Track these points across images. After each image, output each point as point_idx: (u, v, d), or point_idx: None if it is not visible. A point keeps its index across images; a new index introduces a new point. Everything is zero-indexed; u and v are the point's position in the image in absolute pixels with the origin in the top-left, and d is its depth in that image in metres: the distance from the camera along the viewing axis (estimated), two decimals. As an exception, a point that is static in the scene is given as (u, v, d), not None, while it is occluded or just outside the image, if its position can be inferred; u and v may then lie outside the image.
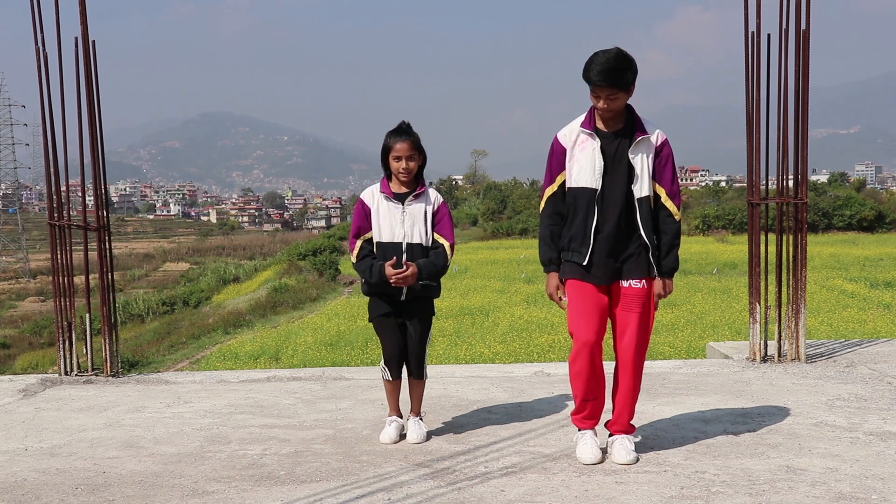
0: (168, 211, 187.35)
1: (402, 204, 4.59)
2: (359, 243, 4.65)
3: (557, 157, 4.16)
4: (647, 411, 5.15)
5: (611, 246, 4.07)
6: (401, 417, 4.80)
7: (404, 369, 4.75)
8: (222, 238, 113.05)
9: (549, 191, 4.19)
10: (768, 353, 6.70)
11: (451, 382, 6.26)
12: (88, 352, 6.95)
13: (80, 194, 7.12)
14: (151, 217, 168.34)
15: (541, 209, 4.27)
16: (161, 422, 5.27)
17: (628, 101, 4.08)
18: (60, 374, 6.85)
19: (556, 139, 4.17)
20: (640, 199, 4.06)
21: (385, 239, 4.59)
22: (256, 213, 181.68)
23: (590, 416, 4.23)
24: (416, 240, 4.58)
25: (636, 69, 3.96)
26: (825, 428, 4.65)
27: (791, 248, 6.65)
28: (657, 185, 4.10)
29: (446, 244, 4.64)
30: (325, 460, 4.32)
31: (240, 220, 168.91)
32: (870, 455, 4.14)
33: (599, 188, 4.04)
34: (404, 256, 4.56)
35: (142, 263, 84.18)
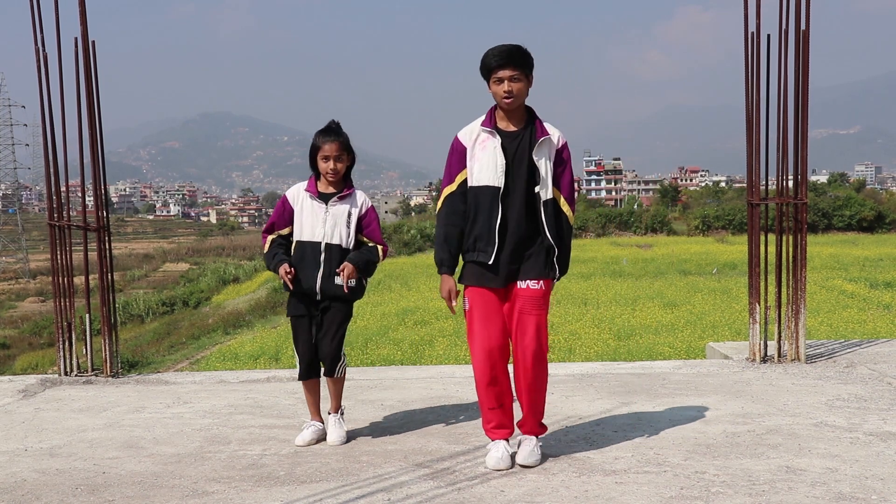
0: (168, 211, 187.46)
1: (326, 204, 4.58)
2: (269, 239, 4.68)
3: (458, 156, 4.11)
4: (646, 411, 5.15)
5: (513, 246, 4.03)
6: (321, 422, 4.75)
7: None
8: (222, 238, 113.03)
9: (447, 190, 4.14)
10: (768, 354, 6.70)
11: (451, 383, 6.26)
12: (88, 352, 6.95)
13: (79, 195, 7.12)
14: (151, 217, 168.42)
15: (437, 209, 4.22)
16: (161, 422, 5.27)
17: (528, 105, 4.08)
18: (60, 375, 6.85)
19: (456, 138, 4.15)
20: (545, 202, 4.03)
21: (305, 238, 4.59)
22: (256, 214, 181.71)
23: (499, 425, 4.15)
24: (335, 241, 4.57)
25: (533, 61, 4.00)
26: (825, 428, 4.65)
27: (791, 249, 6.65)
28: (556, 189, 4.09)
29: (379, 247, 4.66)
30: (324, 460, 4.32)
31: (240, 220, 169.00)
32: (870, 455, 4.14)
33: (502, 186, 4.01)
34: (322, 256, 4.55)
35: (141, 264, 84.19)
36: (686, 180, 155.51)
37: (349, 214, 4.60)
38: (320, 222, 4.57)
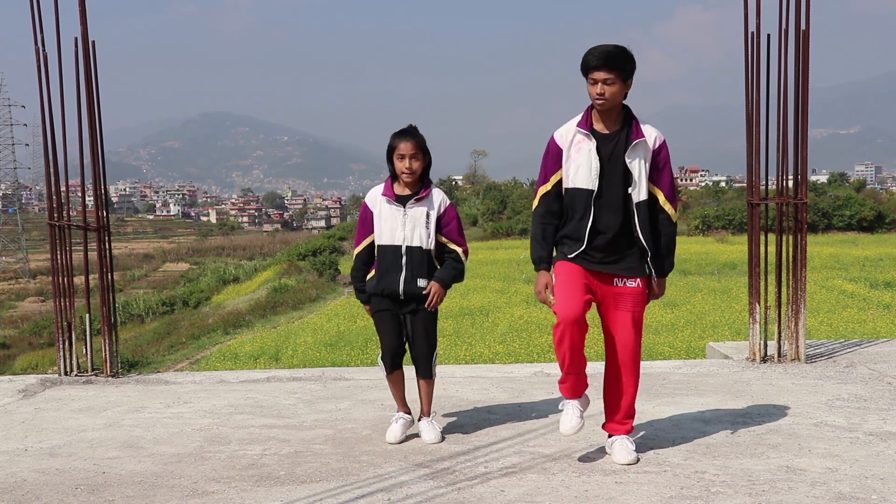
0: (168, 211, 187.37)
1: (404, 206, 4.59)
2: (355, 254, 4.73)
3: (553, 157, 4.15)
4: (646, 411, 5.15)
5: (605, 244, 4.06)
6: (408, 414, 4.77)
7: (407, 365, 4.75)
8: (222, 238, 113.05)
9: (542, 189, 4.18)
10: (768, 354, 6.70)
11: (452, 383, 6.26)
12: (88, 352, 6.95)
13: (79, 194, 7.12)
14: (151, 217, 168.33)
15: (533, 207, 4.26)
16: (161, 422, 5.27)
17: (625, 103, 4.08)
18: (60, 375, 6.84)
19: (552, 138, 4.16)
20: (637, 204, 4.05)
21: (385, 241, 4.60)
22: (256, 214, 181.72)
23: (573, 387, 4.18)
24: (415, 243, 4.57)
25: (635, 64, 3.99)
26: (825, 428, 4.65)
27: (791, 249, 6.65)
28: (655, 187, 4.10)
29: (459, 250, 4.66)
30: (324, 460, 4.32)
31: (239, 220, 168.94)
32: (869, 455, 4.14)
33: (596, 189, 4.04)
34: (403, 259, 4.56)
35: (141, 264, 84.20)
36: (686, 180, 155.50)
37: (427, 216, 4.59)
38: (399, 225, 4.58)
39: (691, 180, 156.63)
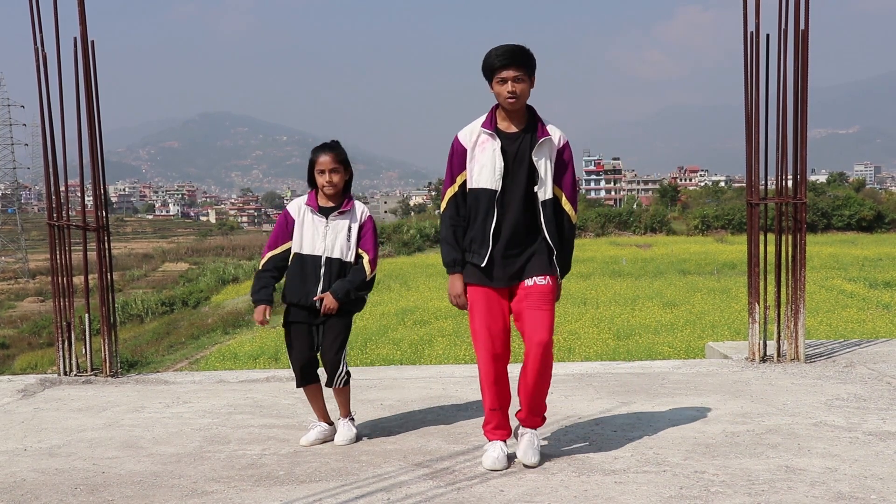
0: (167, 211, 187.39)
1: (327, 218, 4.60)
2: (267, 256, 4.70)
3: (458, 158, 4.12)
4: (645, 411, 5.16)
5: (511, 247, 4.04)
6: (329, 424, 4.75)
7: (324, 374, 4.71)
8: (221, 238, 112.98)
9: (449, 192, 4.15)
10: (767, 353, 6.70)
11: (451, 382, 6.26)
12: (88, 352, 6.95)
13: (79, 194, 7.12)
14: (150, 217, 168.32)
15: (441, 210, 4.23)
16: (160, 422, 5.27)
17: (529, 104, 4.08)
18: (59, 375, 6.84)
19: (456, 139, 4.15)
20: (544, 202, 4.04)
21: (305, 251, 4.61)
22: (256, 213, 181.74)
23: (498, 426, 4.16)
24: (335, 255, 4.58)
25: (536, 62, 4.00)
26: (824, 428, 4.66)
27: (790, 248, 6.65)
28: (557, 188, 4.10)
29: (366, 257, 4.64)
30: (324, 460, 4.32)
31: (239, 220, 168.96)
32: (869, 455, 4.14)
33: (499, 189, 4.02)
34: (322, 270, 4.57)
35: (141, 264, 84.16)
36: (685, 180, 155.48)
37: (349, 229, 4.61)
38: (321, 236, 4.59)
39: (690, 180, 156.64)
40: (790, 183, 6.66)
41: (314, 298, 4.57)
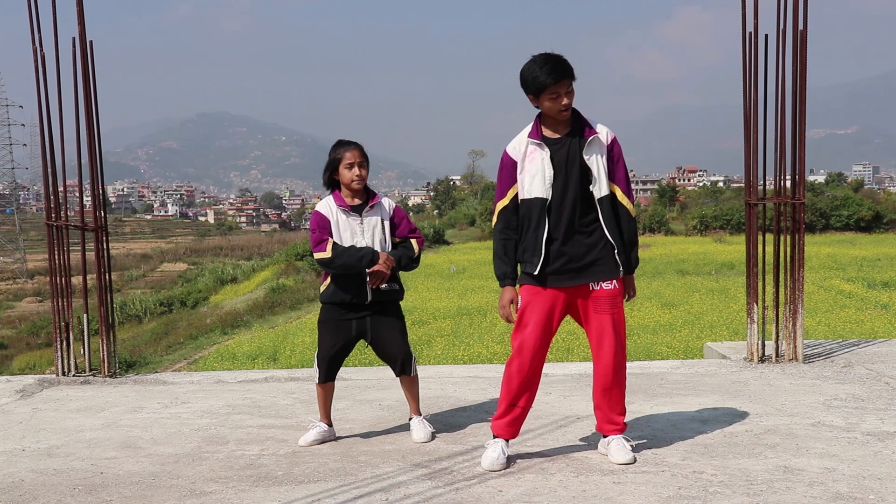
0: (166, 211, 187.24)
1: (360, 215, 4.63)
2: (331, 242, 4.60)
3: (508, 171, 4.14)
4: (644, 411, 5.16)
5: (567, 252, 4.04)
6: (329, 425, 4.77)
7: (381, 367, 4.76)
8: (220, 238, 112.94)
9: (500, 205, 4.17)
10: (766, 354, 6.70)
11: (449, 383, 6.26)
12: (86, 352, 6.94)
13: (77, 195, 7.11)
14: (149, 217, 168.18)
15: (493, 224, 4.24)
16: (159, 422, 5.27)
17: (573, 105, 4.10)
18: (58, 375, 6.84)
19: (505, 153, 4.17)
20: (600, 199, 4.05)
21: None
22: (254, 214, 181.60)
23: (511, 423, 4.17)
24: (377, 249, 4.61)
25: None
26: (823, 428, 4.66)
27: (789, 249, 6.65)
28: (612, 183, 4.11)
29: (413, 240, 4.72)
30: (322, 461, 4.32)
31: (237, 220, 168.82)
32: (867, 455, 4.14)
33: (550, 197, 4.03)
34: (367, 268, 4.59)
35: (139, 264, 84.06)
36: (684, 180, 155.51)
37: (382, 222, 4.66)
38: (359, 233, 4.61)
39: (689, 180, 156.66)
40: (789, 183, 6.66)
41: (382, 291, 4.62)
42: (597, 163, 4.05)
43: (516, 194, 4.13)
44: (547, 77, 3.93)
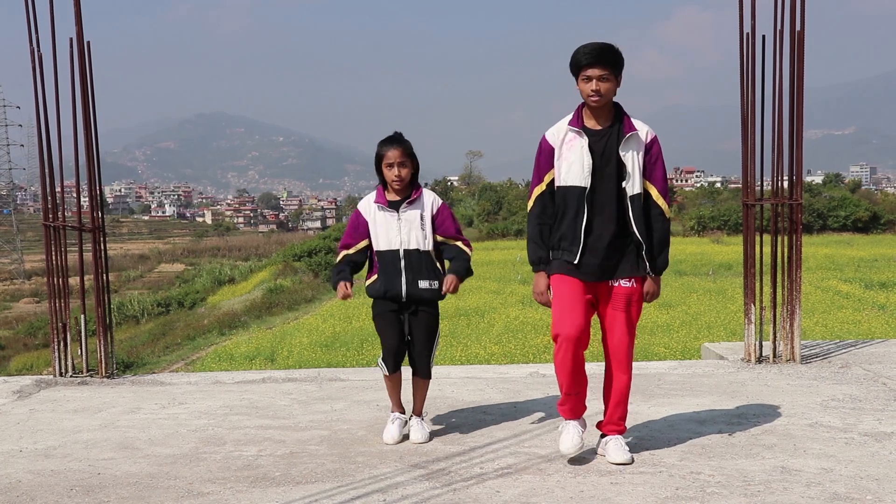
0: (163, 212, 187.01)
1: (397, 211, 4.63)
2: (343, 254, 4.76)
3: (546, 156, 4.15)
4: (642, 412, 5.16)
5: (603, 244, 4.05)
6: (403, 414, 4.79)
7: (405, 366, 4.77)
8: (217, 239, 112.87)
9: (537, 190, 4.17)
10: (763, 354, 6.71)
11: (447, 383, 6.26)
12: (83, 353, 6.93)
13: (74, 195, 7.10)
14: (146, 218, 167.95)
15: (528, 208, 4.25)
16: (156, 423, 5.26)
17: (616, 101, 4.09)
18: (55, 376, 6.83)
19: (543, 138, 4.17)
20: (632, 197, 4.05)
21: (383, 247, 4.66)
22: (252, 214, 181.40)
23: (574, 408, 4.21)
24: (412, 246, 4.62)
25: (624, 61, 4.01)
26: (820, 428, 4.66)
27: (786, 249, 6.66)
28: (648, 182, 4.11)
29: (460, 244, 4.70)
30: (320, 461, 4.32)
31: (235, 221, 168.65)
32: (864, 455, 4.15)
33: (589, 186, 4.03)
34: (402, 263, 4.61)
35: (137, 264, 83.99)
36: (682, 181, 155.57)
37: (421, 217, 4.64)
38: (395, 230, 4.63)
39: (687, 181, 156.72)
40: (786, 184, 6.67)
41: (424, 290, 4.62)
42: (633, 159, 4.04)
43: (552, 180, 4.13)
44: (582, 57, 3.95)
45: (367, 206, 4.72)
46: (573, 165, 4.05)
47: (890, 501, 3.51)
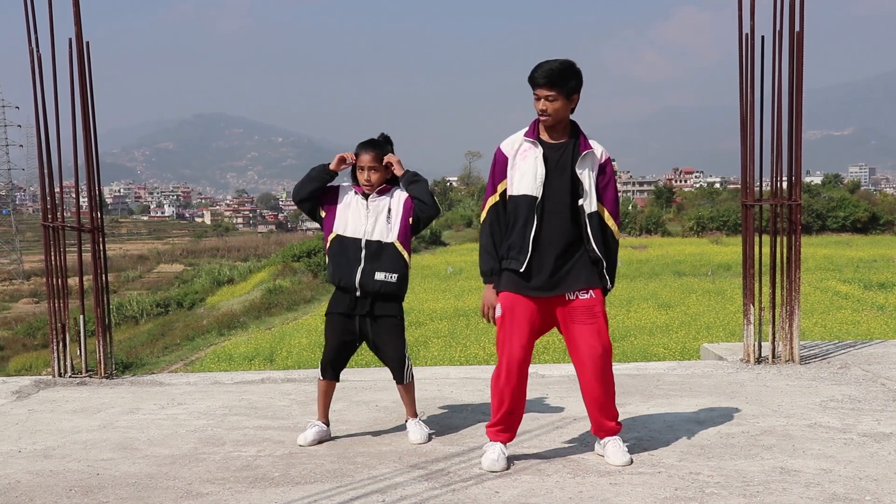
0: (162, 212, 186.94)
1: (367, 199, 4.64)
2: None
3: (499, 167, 4.14)
4: (641, 412, 5.16)
5: (550, 255, 4.03)
6: (326, 424, 4.77)
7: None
8: (216, 239, 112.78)
9: (490, 200, 4.15)
10: (762, 355, 6.71)
11: (446, 384, 6.26)
12: (82, 353, 6.93)
13: (73, 196, 7.10)
14: (145, 218, 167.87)
15: (482, 219, 4.23)
16: (155, 423, 5.26)
17: (573, 119, 4.09)
18: (54, 376, 6.83)
19: (498, 149, 4.16)
20: (590, 214, 4.04)
21: (348, 234, 4.62)
22: (251, 215, 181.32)
23: (506, 429, 4.18)
24: (375, 237, 4.60)
25: (581, 81, 3.99)
26: (819, 429, 4.66)
27: (785, 250, 6.66)
28: (600, 203, 4.10)
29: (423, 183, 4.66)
30: (319, 462, 4.32)
31: (234, 221, 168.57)
32: (863, 456, 4.15)
33: (540, 196, 4.02)
34: (362, 253, 4.59)
35: (136, 265, 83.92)
36: (681, 181, 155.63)
37: (389, 209, 4.63)
38: (362, 217, 4.61)
39: (686, 181, 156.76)
40: (785, 184, 6.67)
41: (379, 282, 4.56)
42: (588, 177, 4.04)
43: (505, 190, 4.12)
44: (535, 77, 3.97)
45: (346, 186, 4.71)
46: (526, 175, 4.04)
47: (889, 502, 3.51)
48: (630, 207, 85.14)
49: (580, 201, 4.04)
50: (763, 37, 6.54)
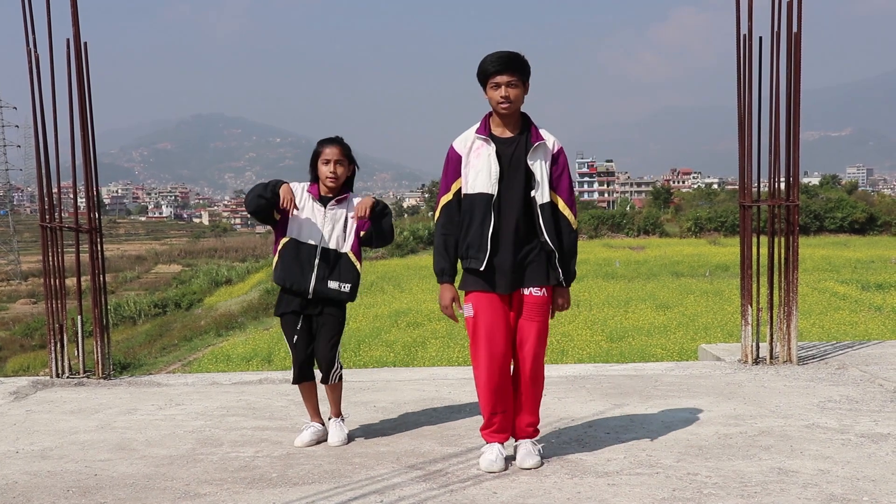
0: (160, 213, 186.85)
1: (325, 207, 4.61)
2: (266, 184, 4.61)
3: (453, 165, 4.12)
4: (638, 413, 5.16)
5: (509, 252, 4.02)
6: (321, 424, 4.76)
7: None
8: (214, 240, 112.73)
9: (443, 200, 4.13)
10: (760, 355, 6.71)
11: (444, 385, 6.26)
12: (80, 354, 6.92)
13: (71, 196, 7.10)
14: (143, 219, 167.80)
15: (435, 219, 4.21)
16: (153, 424, 5.26)
17: (523, 111, 4.09)
18: (52, 377, 6.82)
19: (451, 147, 4.14)
20: (542, 206, 4.02)
21: (303, 239, 4.60)
22: (249, 215, 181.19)
23: (499, 429, 4.16)
24: (331, 245, 4.59)
25: (530, 69, 4.02)
26: (817, 430, 4.67)
27: (783, 251, 6.67)
28: (554, 193, 4.09)
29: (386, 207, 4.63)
30: (317, 462, 4.32)
31: (232, 221, 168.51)
32: (861, 457, 4.15)
33: (496, 193, 4.01)
34: (316, 260, 4.58)
35: (133, 265, 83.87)
36: (678, 182, 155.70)
37: (346, 219, 4.62)
38: (318, 225, 4.59)
39: (683, 182, 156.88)
40: (783, 185, 6.68)
41: (331, 290, 4.54)
42: (540, 168, 4.03)
43: (459, 189, 4.11)
44: (490, 65, 3.96)
45: (301, 190, 4.62)
46: (480, 173, 4.02)
47: (886, 502, 3.52)
48: (628, 208, 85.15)
49: (532, 192, 4.03)
50: (761, 38, 6.55)
